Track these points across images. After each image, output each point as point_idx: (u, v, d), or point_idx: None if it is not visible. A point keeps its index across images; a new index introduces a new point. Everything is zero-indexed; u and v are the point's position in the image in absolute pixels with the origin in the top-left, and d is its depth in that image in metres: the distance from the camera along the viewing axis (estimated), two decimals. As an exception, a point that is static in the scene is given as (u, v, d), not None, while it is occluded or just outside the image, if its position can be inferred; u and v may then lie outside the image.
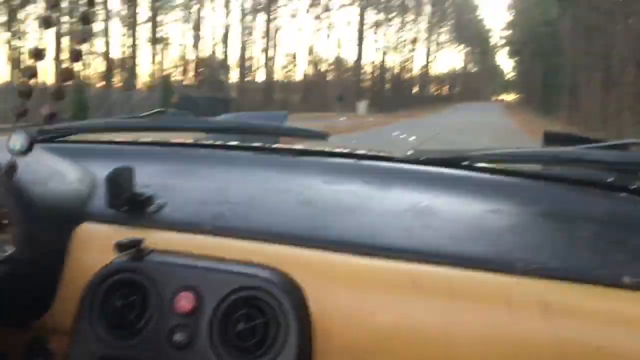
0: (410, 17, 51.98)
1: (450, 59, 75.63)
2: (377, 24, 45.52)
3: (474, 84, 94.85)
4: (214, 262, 0.67)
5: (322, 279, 0.65)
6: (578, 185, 0.88)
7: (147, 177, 0.79)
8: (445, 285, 0.62)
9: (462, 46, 79.23)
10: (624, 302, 0.58)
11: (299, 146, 1.10)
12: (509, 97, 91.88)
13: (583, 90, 27.30)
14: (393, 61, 49.67)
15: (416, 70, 58.01)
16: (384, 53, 46.57)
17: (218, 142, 1.14)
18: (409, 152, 0.98)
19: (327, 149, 1.08)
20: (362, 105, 32.74)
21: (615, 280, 0.59)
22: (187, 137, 1.20)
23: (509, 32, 63.23)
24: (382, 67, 46.66)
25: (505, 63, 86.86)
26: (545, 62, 40.75)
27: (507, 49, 67.41)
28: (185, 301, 0.63)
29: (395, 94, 46.62)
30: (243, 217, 0.76)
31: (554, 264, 0.62)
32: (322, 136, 1.11)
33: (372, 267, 0.65)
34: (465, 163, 0.92)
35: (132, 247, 0.65)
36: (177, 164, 0.98)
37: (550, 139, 1.13)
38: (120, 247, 0.64)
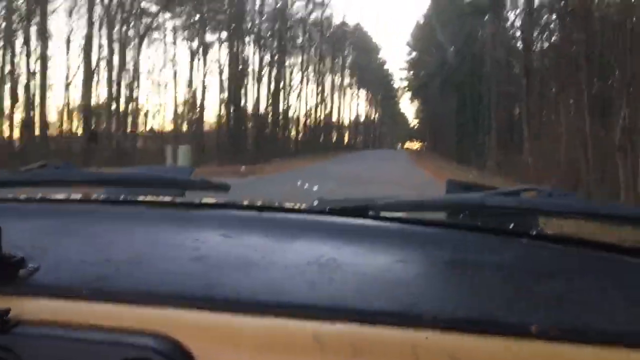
0: (298, 58, 42.66)
1: (351, 105, 67.38)
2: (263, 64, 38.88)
3: (377, 132, 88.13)
4: (92, 332, 0.61)
5: (217, 344, 0.61)
6: (481, 232, 0.92)
7: (18, 238, 0.73)
8: (351, 343, 0.60)
9: (362, 91, 71.84)
10: (532, 353, 0.59)
11: (197, 199, 1.06)
12: (414, 145, 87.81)
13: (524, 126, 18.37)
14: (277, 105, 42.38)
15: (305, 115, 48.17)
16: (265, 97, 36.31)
17: (104, 197, 1.08)
18: (315, 203, 0.99)
19: (227, 201, 1.06)
20: (180, 152, 20.22)
21: (523, 330, 0.60)
22: (71, 193, 1.13)
23: (410, 72, 56.13)
24: (241, 111, 35.57)
25: (409, 109, 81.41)
26: (457, 97, 32.32)
27: (409, 94, 60.30)
28: None
29: (273, 141, 36.04)
30: (128, 278, 0.70)
31: (462, 315, 0.62)
32: (223, 188, 1.10)
33: (271, 327, 0.62)
34: (371, 212, 0.94)
35: None
36: (55, 222, 0.91)
37: (453, 187, 1.18)
38: None
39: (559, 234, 0.94)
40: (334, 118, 62.53)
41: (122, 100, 29.43)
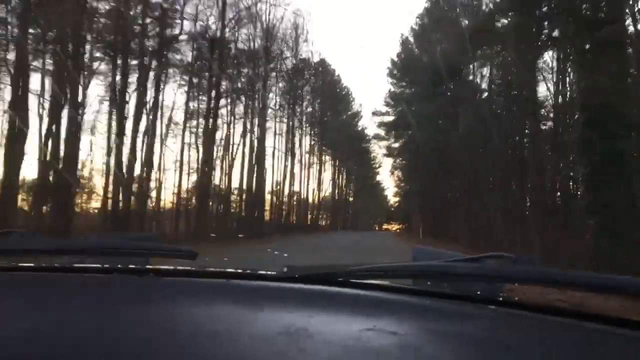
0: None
1: (311, 174, 48.67)
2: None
3: (350, 209, 68.29)
4: None
5: None
6: (448, 299, 0.98)
7: None
8: None
9: (329, 157, 52.79)
10: None
11: (164, 266, 1.09)
12: (393, 226, 79.79)
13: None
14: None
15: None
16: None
17: (69, 265, 1.10)
18: (284, 269, 1.05)
19: (195, 269, 1.08)
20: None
21: None
22: (36, 261, 1.13)
23: (392, 110, 37.77)
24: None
25: (389, 181, 63.84)
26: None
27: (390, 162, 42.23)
28: None
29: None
30: (87, 353, 0.70)
31: None
32: (190, 255, 1.13)
33: None
34: (340, 279, 1.01)
35: None
36: (13, 292, 0.92)
37: (420, 254, 1.23)
38: None
39: (525, 301, 1.00)
40: (285, 190, 43.00)
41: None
